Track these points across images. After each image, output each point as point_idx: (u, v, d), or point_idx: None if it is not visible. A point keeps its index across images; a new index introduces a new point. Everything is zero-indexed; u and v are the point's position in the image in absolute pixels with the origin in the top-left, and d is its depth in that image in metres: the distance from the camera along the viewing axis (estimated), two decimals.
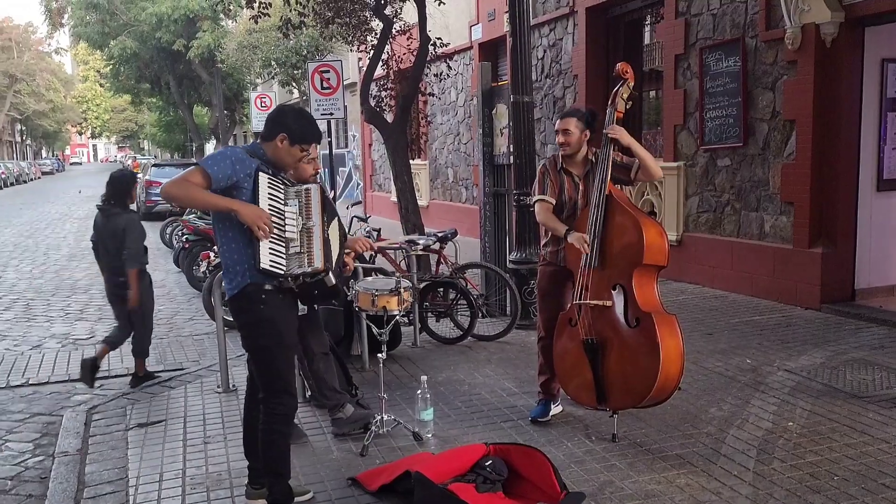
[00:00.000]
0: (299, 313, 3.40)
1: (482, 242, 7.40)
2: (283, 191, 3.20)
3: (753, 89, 7.48)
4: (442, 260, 6.55)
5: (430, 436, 4.23)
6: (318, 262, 3.15)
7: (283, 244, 3.15)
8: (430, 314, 6.41)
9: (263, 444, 3.24)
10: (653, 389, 3.93)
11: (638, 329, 3.98)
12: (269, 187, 3.15)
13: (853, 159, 6.89)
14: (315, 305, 4.10)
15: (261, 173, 3.14)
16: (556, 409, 4.55)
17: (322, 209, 3.22)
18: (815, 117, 6.82)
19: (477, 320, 6.19)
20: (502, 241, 7.24)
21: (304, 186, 3.26)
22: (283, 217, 3.16)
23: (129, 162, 46.34)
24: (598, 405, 4.24)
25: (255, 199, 3.10)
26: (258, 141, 3.29)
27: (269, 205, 3.13)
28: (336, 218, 3.44)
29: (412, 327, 6.26)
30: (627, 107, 4.27)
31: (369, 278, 4.43)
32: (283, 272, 3.12)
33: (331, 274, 3.20)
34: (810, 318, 6.73)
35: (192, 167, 3.13)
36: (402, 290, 4.09)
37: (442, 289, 6.45)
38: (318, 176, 4.02)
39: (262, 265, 3.05)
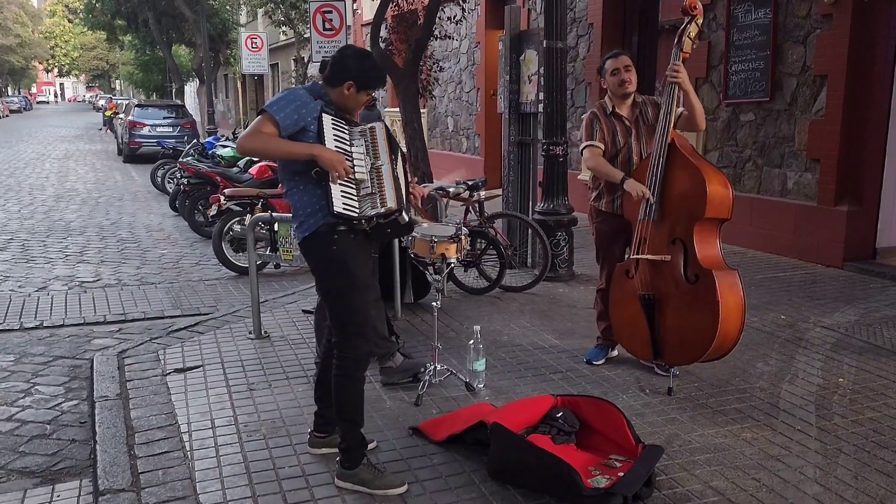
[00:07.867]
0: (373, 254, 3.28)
1: (505, 192, 7.26)
2: (347, 131, 3.09)
3: (783, 43, 7.33)
4: (471, 208, 6.39)
5: (482, 386, 4.15)
6: (392, 202, 3.05)
7: (355, 186, 3.04)
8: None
9: (336, 389, 3.13)
10: (710, 347, 3.89)
11: (697, 285, 3.90)
12: (333, 128, 3.03)
13: (884, 117, 6.82)
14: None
15: (325, 115, 3.02)
16: (612, 353, 4.59)
17: (389, 147, 3.10)
18: (848, 73, 6.71)
19: (506, 271, 6.09)
20: (526, 192, 7.10)
21: (369, 126, 3.13)
22: (350, 158, 3.03)
23: (103, 102, 45.00)
24: (654, 360, 4.21)
25: (320, 142, 2.98)
26: (319, 82, 3.14)
27: (336, 146, 3.01)
28: (399, 153, 3.29)
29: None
30: (694, 47, 4.10)
31: (425, 224, 4.28)
32: (356, 215, 3.01)
33: (404, 213, 3.11)
34: (834, 275, 6.73)
35: (259, 116, 2.97)
36: (461, 237, 3.96)
37: (470, 238, 6.31)
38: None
39: (335, 209, 2.94)
